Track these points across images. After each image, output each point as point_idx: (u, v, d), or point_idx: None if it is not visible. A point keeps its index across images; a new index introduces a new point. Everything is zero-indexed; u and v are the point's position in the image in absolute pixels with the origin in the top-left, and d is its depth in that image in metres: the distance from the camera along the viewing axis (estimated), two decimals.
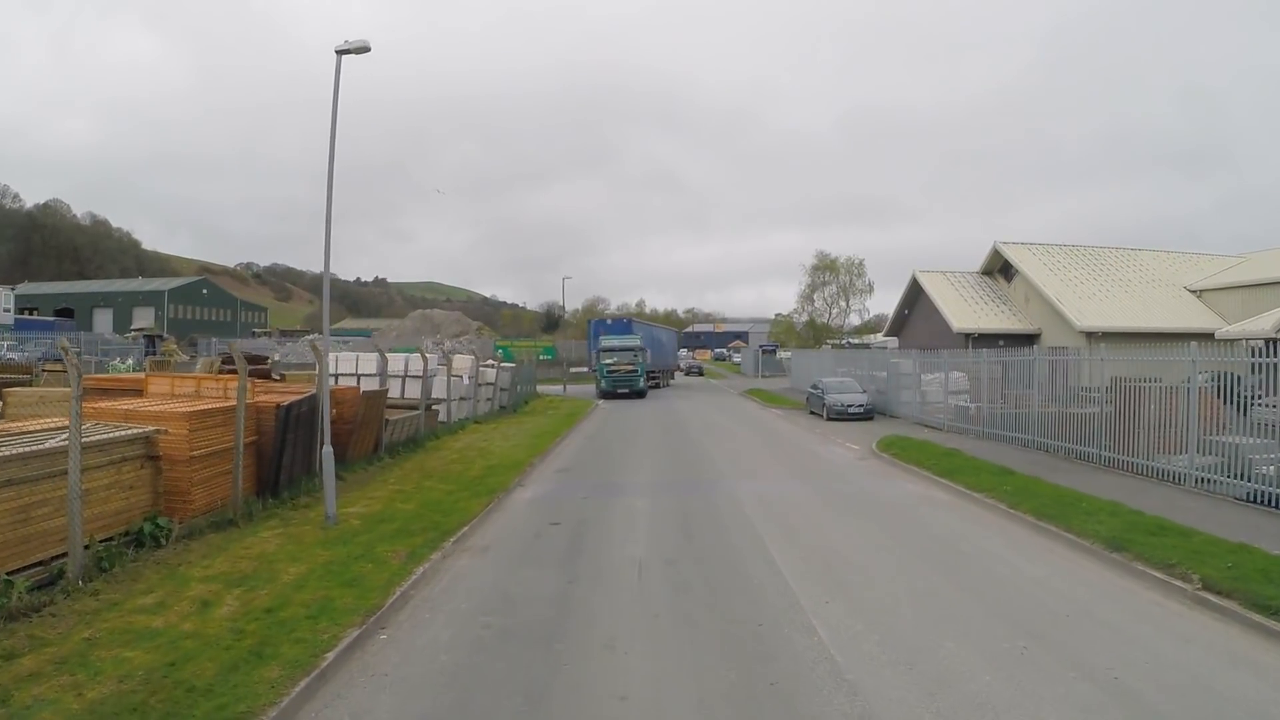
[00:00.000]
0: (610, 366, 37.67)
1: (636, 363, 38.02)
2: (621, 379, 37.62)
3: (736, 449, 18.71)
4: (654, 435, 21.73)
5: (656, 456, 17.33)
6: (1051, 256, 40.39)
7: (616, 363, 37.76)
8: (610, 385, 37.48)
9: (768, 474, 15.13)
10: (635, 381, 37.81)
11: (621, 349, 38.45)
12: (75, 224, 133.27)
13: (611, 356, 37.99)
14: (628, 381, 37.67)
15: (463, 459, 16.22)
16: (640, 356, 38.45)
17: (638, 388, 37.91)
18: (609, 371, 37.56)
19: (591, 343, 43.32)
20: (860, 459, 17.65)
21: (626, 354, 38.21)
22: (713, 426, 24.19)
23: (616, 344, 38.78)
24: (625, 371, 37.62)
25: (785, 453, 18.25)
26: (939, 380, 26.31)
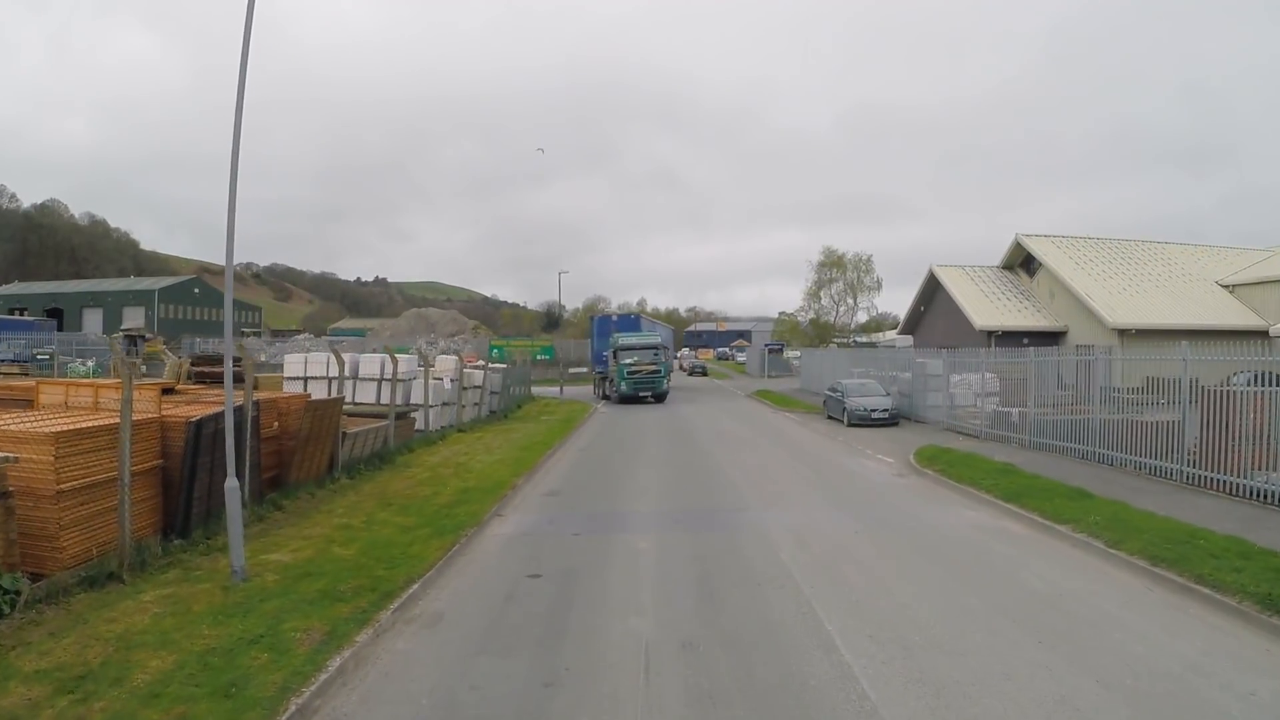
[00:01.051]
0: (631, 367, 33.28)
1: (659, 362, 34.09)
2: (643, 381, 33.51)
3: (755, 464, 16.08)
4: (659, 446, 19.09)
5: (663, 474, 14.71)
6: (1076, 250, 37.74)
7: (637, 363, 33.46)
8: (631, 388, 33.29)
9: (797, 498, 12.49)
10: (659, 383, 33.98)
11: (641, 347, 34.27)
12: (72, 224, 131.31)
13: (631, 356, 33.66)
14: (650, 383, 33.70)
15: (434, 479, 13.60)
16: (662, 355, 34.64)
17: (661, 390, 34.19)
18: (629, 373, 33.23)
19: (595, 342, 39.20)
20: (899, 475, 15.03)
21: (647, 353, 34.10)
22: (724, 434, 21.54)
23: (635, 342, 34.62)
24: (647, 372, 33.50)
25: (812, 468, 15.61)
26: (970, 382, 23.74)
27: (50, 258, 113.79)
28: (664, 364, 34.38)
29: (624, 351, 33.76)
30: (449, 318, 64.93)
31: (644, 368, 33.37)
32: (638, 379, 33.49)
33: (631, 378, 33.37)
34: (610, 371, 35.10)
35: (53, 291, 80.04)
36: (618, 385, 33.57)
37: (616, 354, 33.78)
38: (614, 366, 34.22)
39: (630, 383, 33.35)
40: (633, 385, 33.37)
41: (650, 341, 35.17)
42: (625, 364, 33.41)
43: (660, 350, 34.86)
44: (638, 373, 33.41)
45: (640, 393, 33.40)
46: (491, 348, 49.24)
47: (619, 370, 33.52)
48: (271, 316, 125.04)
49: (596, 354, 38.83)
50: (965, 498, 12.88)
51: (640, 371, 33.38)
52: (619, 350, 33.87)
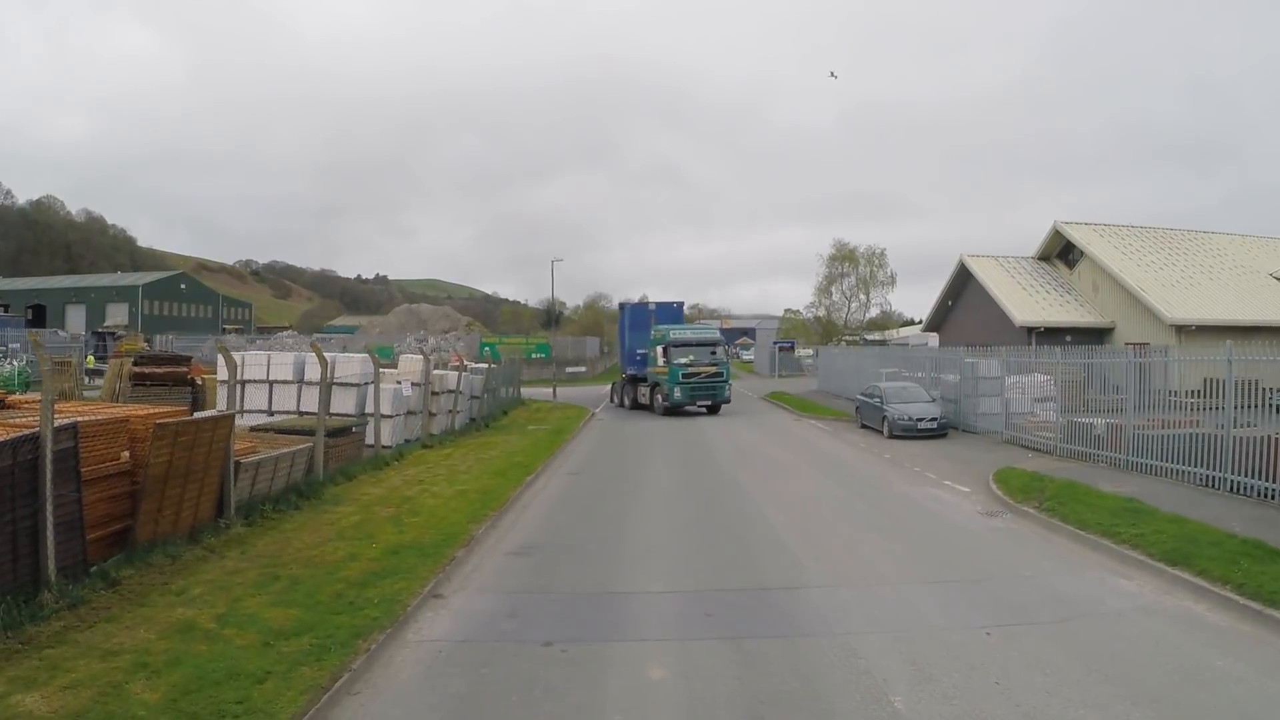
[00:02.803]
0: (687, 369, 26.22)
1: (720, 363, 27.16)
2: (702, 386, 26.57)
3: (795, 496, 12.11)
4: (669, 469, 15.12)
5: (678, 515, 10.70)
6: (1121, 239, 33.79)
7: (693, 364, 26.39)
8: (686, 395, 26.39)
9: (873, 562, 8.48)
10: (720, 390, 27.03)
11: (698, 344, 27.08)
12: (67, 220, 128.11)
13: (685, 355, 26.46)
14: (710, 390, 26.79)
15: (364, 526, 9.65)
16: (722, 355, 27.76)
17: (722, 397, 27.29)
18: (685, 376, 26.20)
19: (628, 336, 30.74)
20: (989, 515, 11.09)
21: (704, 351, 26.91)
22: (746, 451, 17.53)
23: (691, 338, 27.49)
24: (707, 375, 26.51)
25: (871, 503, 11.63)
26: (1025, 385, 19.86)
27: (45, 254, 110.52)
28: (725, 365, 27.59)
29: (677, 350, 26.57)
30: (441, 314, 61.00)
31: (702, 369, 26.47)
32: (695, 384, 26.47)
33: (687, 382, 26.29)
34: (652, 374, 27.76)
35: (36, 288, 76.28)
36: (668, 391, 26.37)
37: (667, 352, 26.52)
38: (658, 368, 27.05)
39: (686, 388, 26.28)
40: (689, 392, 26.38)
41: (708, 337, 28.17)
42: (679, 364, 26.27)
43: (718, 348, 27.86)
44: (695, 376, 26.38)
45: (698, 401, 26.88)
46: (482, 345, 45.24)
47: (670, 373, 26.23)
48: (271, 313, 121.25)
49: (628, 352, 30.38)
50: (1102, 554, 8.99)
51: (698, 375, 26.40)
52: (670, 347, 26.55)
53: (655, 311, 30.52)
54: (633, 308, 31.45)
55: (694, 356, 26.60)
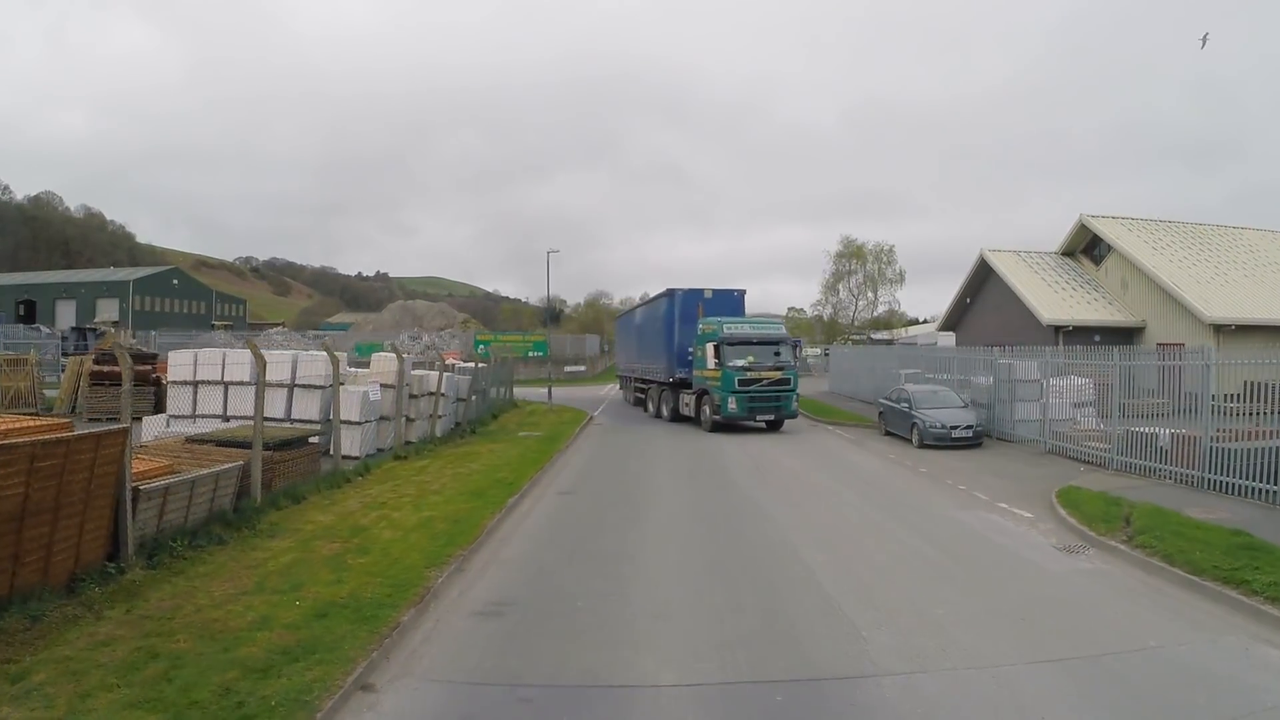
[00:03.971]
0: (745, 374, 20.37)
1: (785, 366, 21.19)
2: (764, 397, 20.63)
3: (832, 527, 9.98)
4: (676, 487, 13.00)
5: (691, 560, 8.47)
6: (1150, 233, 31.68)
7: (753, 366, 20.52)
8: (743, 408, 20.43)
9: (947, 626, 6.36)
10: (786, 401, 21.08)
11: (760, 342, 21.18)
12: (66, 217, 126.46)
13: (742, 356, 20.51)
14: (773, 401, 20.85)
15: (297, 569, 7.57)
16: (788, 356, 21.69)
17: (788, 410, 21.29)
18: (741, 384, 20.37)
19: (676, 331, 23.68)
20: (1069, 552, 9.01)
21: (767, 352, 21.01)
22: (764, 465, 15.36)
23: (751, 334, 21.38)
24: (770, 383, 20.69)
25: (924, 536, 9.51)
26: (1070, 390, 17.83)
27: (43, 250, 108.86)
28: (792, 371, 21.49)
29: (732, 349, 20.60)
30: (437, 311, 58.87)
31: (765, 375, 20.65)
32: (755, 393, 20.48)
33: (744, 390, 20.39)
34: (700, 378, 21.89)
35: (26, 283, 74.23)
36: (720, 401, 20.58)
37: (719, 351, 20.61)
38: (707, 370, 21.21)
39: (742, 399, 20.37)
40: (746, 403, 20.40)
41: (771, 333, 21.97)
42: (734, 368, 20.39)
43: (787, 347, 21.83)
44: (754, 382, 20.49)
45: (757, 414, 20.77)
46: (477, 343, 43.14)
47: (724, 377, 20.41)
48: (270, 311, 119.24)
49: (677, 351, 23.40)
50: (1229, 609, 7.02)
51: (759, 380, 20.54)
52: (724, 346, 20.63)
53: (711, 300, 23.74)
54: (684, 295, 23.81)
55: (754, 357, 20.56)
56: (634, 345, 29.59)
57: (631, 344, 30.32)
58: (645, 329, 27.15)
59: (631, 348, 30.37)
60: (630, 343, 30.80)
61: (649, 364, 26.47)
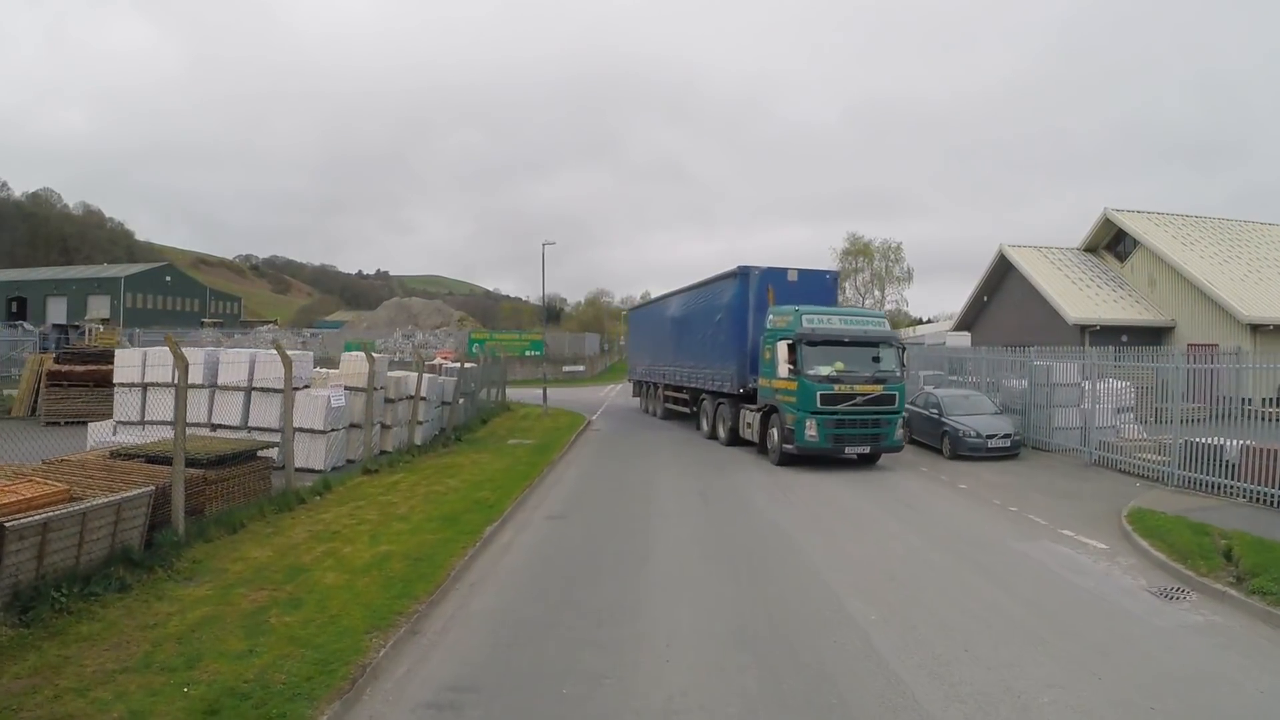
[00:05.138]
0: (834, 387, 14.19)
1: (889, 377, 14.71)
2: (857, 422, 14.40)
3: (876, 565, 8.22)
4: (684, 510, 11.19)
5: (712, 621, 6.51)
6: (1179, 228, 29.94)
7: (845, 376, 14.37)
8: (826, 436, 14.22)
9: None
10: (888, 430, 14.68)
11: (855, 343, 14.84)
12: (64, 214, 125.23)
13: (829, 361, 14.39)
14: (870, 429, 14.55)
15: (201, 632, 5.80)
16: (894, 364, 15.00)
17: (891, 442, 14.76)
18: (827, 401, 14.17)
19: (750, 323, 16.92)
20: (1168, 598, 7.25)
21: (862, 356, 14.78)
22: (786, 483, 13.57)
23: (839, 330, 14.92)
24: (869, 401, 14.37)
25: (990, 577, 7.69)
26: (1112, 394, 16.19)
27: (41, 247, 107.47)
28: (898, 385, 14.82)
29: (815, 350, 14.40)
30: (433, 309, 57.11)
31: (860, 389, 14.25)
32: (846, 415, 14.23)
33: (830, 411, 14.14)
34: (767, 390, 15.47)
35: (18, 279, 72.62)
36: (795, 425, 14.27)
37: (796, 352, 14.42)
38: (780, 381, 14.78)
39: (827, 423, 14.14)
40: (831, 430, 14.16)
41: (871, 331, 15.20)
42: (817, 378, 14.15)
43: (890, 351, 15.09)
44: (845, 400, 14.14)
45: (846, 445, 14.35)
46: (471, 341, 41.34)
47: (802, 391, 14.17)
48: (269, 309, 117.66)
49: (754, 351, 16.54)
50: None
51: (851, 397, 14.18)
52: (804, 345, 14.38)
53: (797, 284, 17.03)
54: (762, 276, 16.86)
55: (844, 364, 14.23)
56: (667, 342, 22.95)
57: (663, 341, 23.56)
58: (693, 321, 20.48)
59: (663, 345, 23.55)
60: (660, 339, 24.06)
61: (698, 367, 19.98)
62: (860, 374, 14.52)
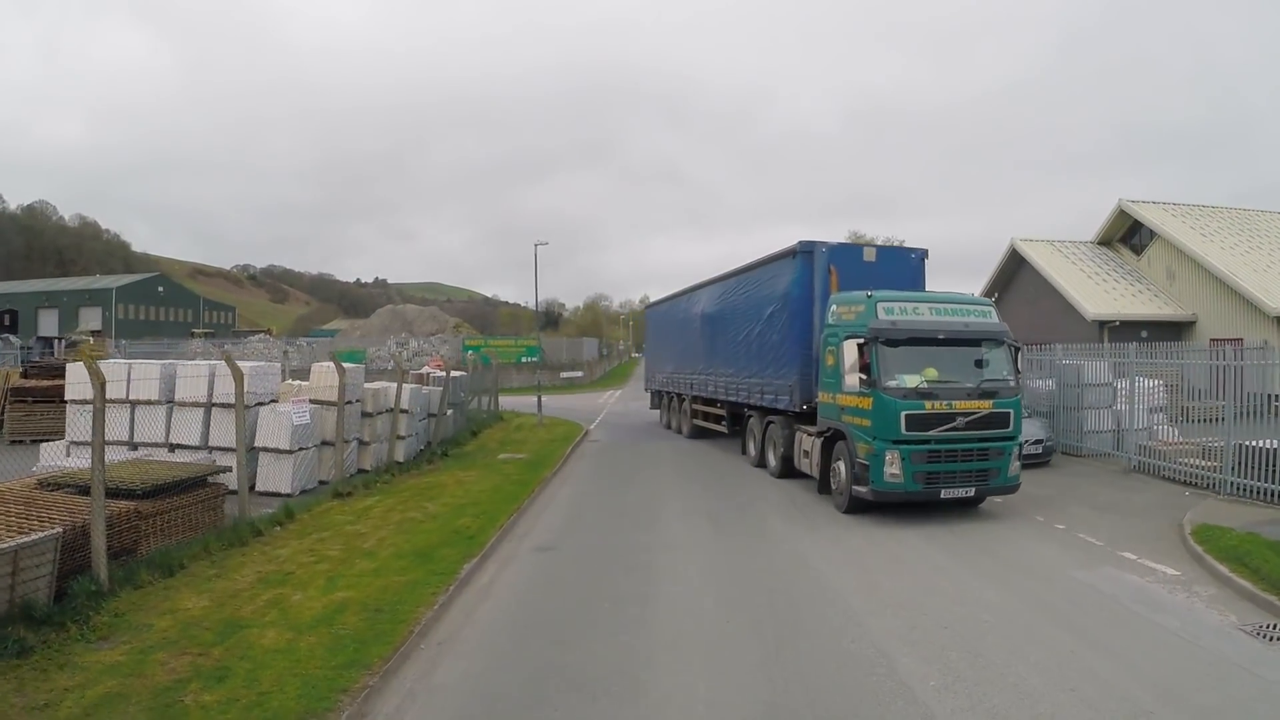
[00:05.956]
0: (924, 404, 9.81)
1: (999, 389, 10.19)
2: (959, 454, 9.89)
3: (922, 606, 6.97)
4: (693, 536, 9.98)
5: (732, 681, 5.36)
6: (1197, 219, 28.77)
7: (939, 388, 9.95)
8: (915, 476, 9.72)
9: None
10: (1001, 463, 10.10)
11: (952, 340, 10.30)
12: (60, 225, 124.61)
13: (915, 367, 10.01)
14: (978, 462, 9.99)
15: (99, 714, 4.65)
16: (1005, 366, 10.53)
17: (1006, 479, 10.19)
18: (915, 424, 9.74)
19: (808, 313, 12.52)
20: (1269, 640, 6.05)
21: (960, 359, 10.31)
22: (800, 497, 12.47)
23: (934, 324, 10.31)
24: (974, 423, 9.87)
25: (1056, 620, 6.48)
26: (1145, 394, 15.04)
27: (37, 260, 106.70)
28: (1013, 401, 10.34)
29: (896, 351, 10.06)
30: (428, 315, 55.88)
31: (964, 406, 9.90)
32: (945, 443, 9.86)
33: (920, 440, 9.79)
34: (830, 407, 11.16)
35: (7, 292, 71.56)
36: (872, 457, 9.85)
37: (869, 354, 10.02)
38: (848, 398, 10.51)
39: (918, 457, 9.77)
40: (923, 467, 9.78)
41: (974, 324, 10.61)
42: (899, 391, 9.87)
43: (1000, 351, 10.65)
44: (938, 422, 9.84)
45: (944, 487, 9.90)
46: (465, 348, 40.14)
47: (880, 410, 9.87)
48: (267, 318, 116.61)
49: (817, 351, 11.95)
50: None
51: (950, 419, 9.83)
52: (881, 345, 10.01)
53: (875, 265, 12.82)
54: (831, 254, 12.61)
55: (937, 370, 10.13)
56: (697, 345, 18.36)
57: (691, 343, 18.94)
58: (734, 317, 15.81)
59: (691, 348, 18.97)
60: (687, 341, 19.32)
61: (739, 375, 15.40)
62: (961, 385, 9.98)
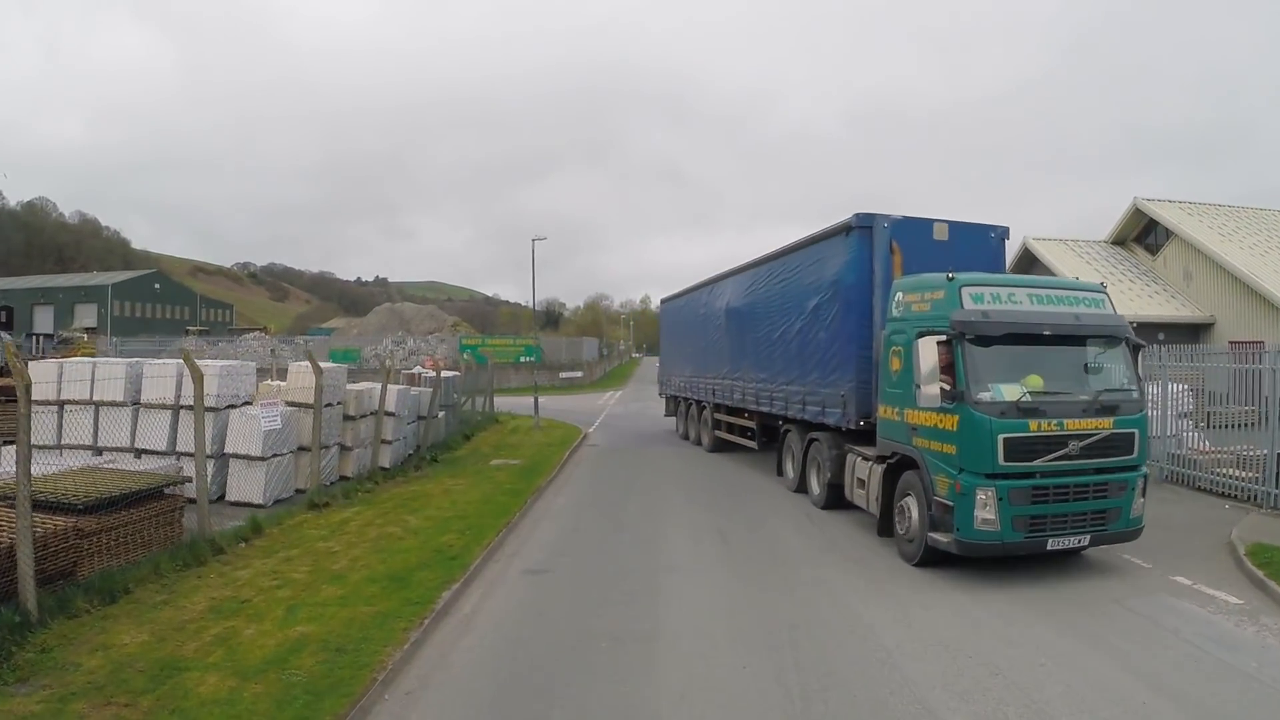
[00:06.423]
0: (1027, 427, 7.07)
1: (1121, 401, 7.60)
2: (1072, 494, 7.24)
3: (956, 642, 6.26)
4: (699, 551, 9.19)
5: None
6: (1215, 219, 27.94)
7: (1046, 400, 7.23)
8: (1015, 522, 7.06)
9: None
10: (1123, 501, 7.48)
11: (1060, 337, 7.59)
12: (59, 223, 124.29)
13: (1015, 372, 7.30)
14: (1096, 500, 7.36)
15: None
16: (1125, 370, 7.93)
17: (1129, 522, 7.58)
18: (1019, 450, 7.05)
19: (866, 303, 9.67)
20: None
21: (1071, 362, 7.78)
22: (816, 516, 11.65)
23: (1040, 316, 7.55)
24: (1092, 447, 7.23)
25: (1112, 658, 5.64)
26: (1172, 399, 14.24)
27: (36, 257, 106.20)
28: (1140, 417, 7.75)
29: (992, 351, 7.34)
30: (426, 314, 55.08)
31: (1079, 426, 7.23)
32: (1058, 476, 7.22)
33: (1022, 473, 7.13)
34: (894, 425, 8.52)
35: (4, 289, 70.85)
36: (958, 496, 7.16)
37: (956, 354, 7.28)
38: (924, 416, 7.70)
39: (1020, 495, 7.09)
40: (1024, 511, 7.11)
41: (1088, 317, 7.78)
42: (994, 405, 7.15)
43: (1117, 353, 7.99)
44: (1047, 446, 7.14)
45: (1053, 536, 7.22)
46: (462, 347, 39.28)
47: (972, 431, 7.12)
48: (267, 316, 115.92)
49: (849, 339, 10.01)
50: None
51: (1062, 443, 7.15)
52: (969, 340, 7.29)
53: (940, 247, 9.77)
54: (895, 228, 9.71)
55: (1043, 377, 7.42)
56: (722, 344, 15.75)
57: (714, 341, 16.31)
58: (768, 311, 13.18)
59: (714, 348, 16.31)
60: (710, 339, 16.67)
61: (775, 380, 12.80)
62: (1073, 397, 7.46)
